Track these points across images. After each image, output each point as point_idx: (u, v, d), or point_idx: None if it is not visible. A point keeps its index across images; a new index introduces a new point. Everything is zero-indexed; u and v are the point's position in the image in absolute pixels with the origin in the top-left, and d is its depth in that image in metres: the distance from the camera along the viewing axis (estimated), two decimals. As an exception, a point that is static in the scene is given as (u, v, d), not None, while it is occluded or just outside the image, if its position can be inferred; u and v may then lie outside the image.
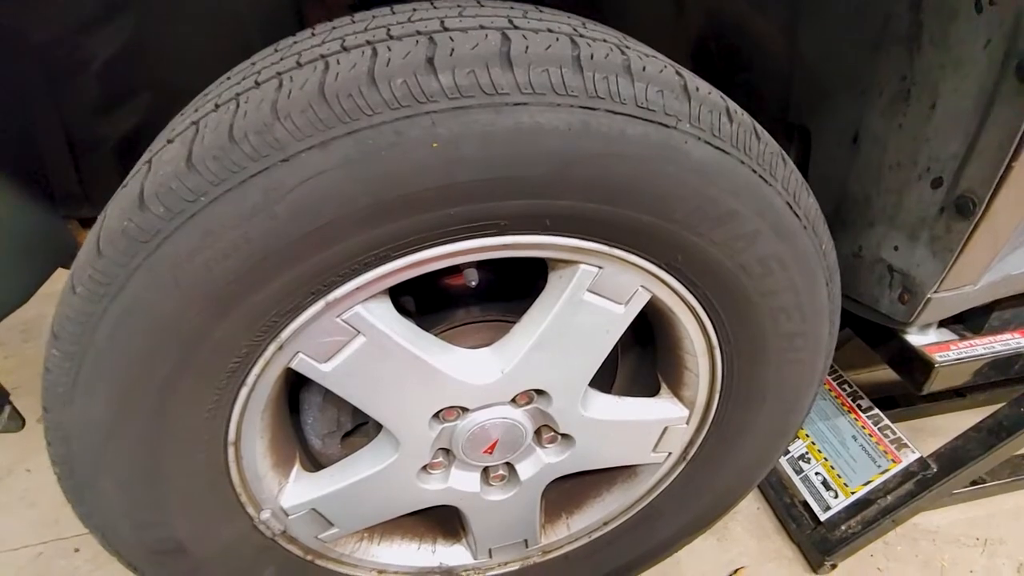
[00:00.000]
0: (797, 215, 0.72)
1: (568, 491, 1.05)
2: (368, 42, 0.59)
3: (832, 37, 0.94)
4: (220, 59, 0.85)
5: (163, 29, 0.97)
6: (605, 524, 1.05)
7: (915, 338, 1.15)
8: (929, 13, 0.78)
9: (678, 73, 0.64)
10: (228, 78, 0.66)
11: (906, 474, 1.29)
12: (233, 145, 0.54)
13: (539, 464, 0.92)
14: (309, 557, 0.91)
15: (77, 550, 1.34)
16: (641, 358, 1.03)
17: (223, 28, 0.99)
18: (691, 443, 0.97)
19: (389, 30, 0.60)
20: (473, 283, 0.78)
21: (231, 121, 0.55)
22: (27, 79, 0.97)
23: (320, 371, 0.70)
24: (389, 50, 0.57)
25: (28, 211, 0.99)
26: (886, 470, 1.30)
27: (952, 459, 1.29)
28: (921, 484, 1.27)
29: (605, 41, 0.63)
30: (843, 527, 1.28)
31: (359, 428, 0.94)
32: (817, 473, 1.37)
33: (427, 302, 0.86)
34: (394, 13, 0.66)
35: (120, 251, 0.56)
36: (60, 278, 1.09)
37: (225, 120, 0.55)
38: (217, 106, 0.58)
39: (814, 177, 1.07)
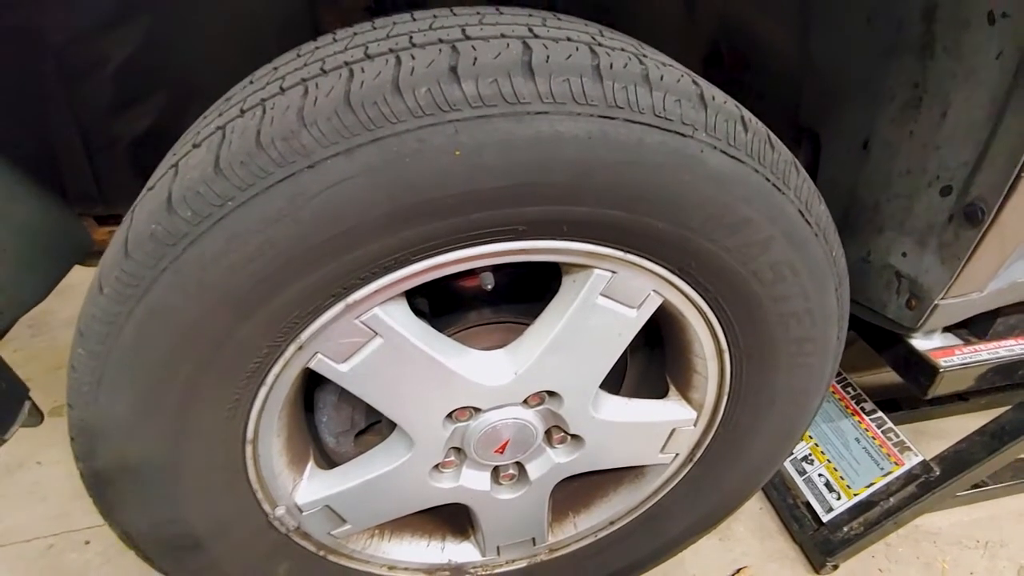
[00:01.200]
0: (809, 223, 0.73)
1: (576, 491, 1.06)
2: (391, 50, 0.60)
3: (844, 43, 0.94)
4: (235, 60, 0.86)
5: (178, 30, 0.98)
6: (611, 524, 1.07)
7: (920, 342, 1.16)
8: (942, 22, 0.78)
9: (695, 82, 0.65)
10: (251, 82, 0.67)
11: (909, 477, 1.30)
12: (260, 151, 0.55)
13: (549, 464, 0.93)
14: (322, 553, 0.92)
15: (88, 543, 1.35)
16: (650, 359, 1.04)
17: (238, 29, 0.99)
18: (698, 445, 0.98)
19: (411, 38, 0.61)
20: (489, 287, 0.79)
21: (258, 127, 0.56)
22: (43, 79, 0.98)
23: (338, 371, 0.72)
24: (412, 58, 0.58)
25: (44, 209, 1.00)
26: (889, 472, 1.31)
27: (955, 462, 1.30)
28: (924, 487, 1.28)
29: (623, 50, 0.64)
30: (845, 528, 1.29)
31: (372, 427, 0.95)
32: (820, 475, 1.39)
33: (441, 304, 0.88)
34: (415, 20, 0.67)
35: (147, 253, 0.57)
36: (74, 272, 1.10)
37: (252, 126, 0.56)
38: (243, 111, 0.59)
39: (823, 181, 1.08)
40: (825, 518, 1.32)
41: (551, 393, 0.84)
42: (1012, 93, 0.73)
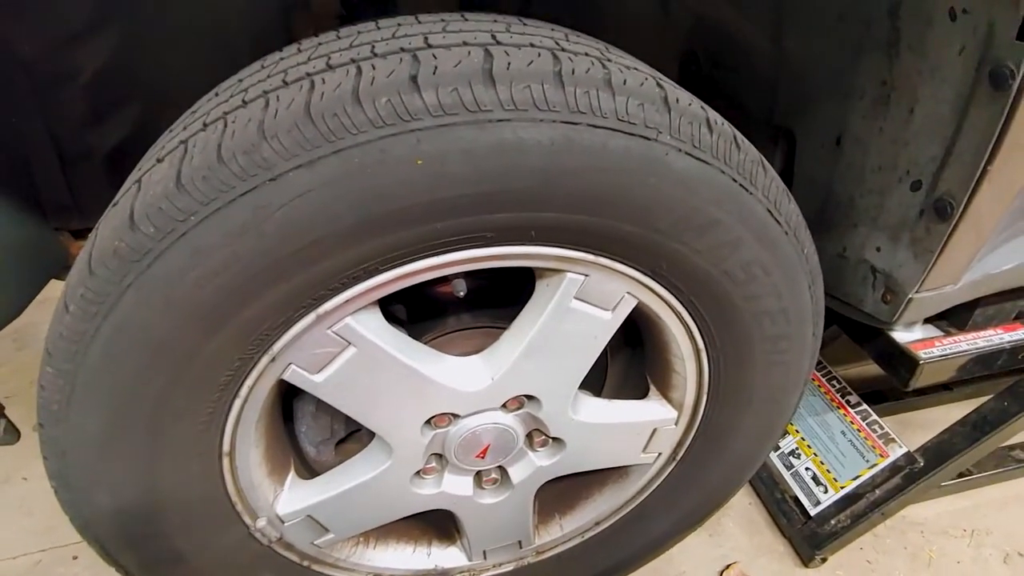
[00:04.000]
0: (779, 221, 0.74)
1: (561, 492, 1.07)
2: (353, 60, 0.60)
3: (815, 42, 0.95)
4: (208, 70, 0.86)
5: (151, 41, 0.97)
6: (597, 524, 1.07)
7: (900, 335, 1.16)
8: (906, 20, 0.79)
9: (659, 85, 0.66)
10: (216, 95, 0.67)
11: (894, 468, 1.31)
12: (221, 165, 0.55)
13: (531, 467, 0.93)
14: (305, 563, 0.92)
15: (75, 557, 1.35)
16: (630, 360, 1.04)
17: (211, 39, 0.99)
18: (680, 444, 0.98)
19: (374, 47, 0.61)
20: (461, 294, 0.79)
21: (219, 141, 0.56)
22: (16, 91, 0.98)
23: (312, 382, 0.72)
24: (373, 68, 0.58)
25: (19, 224, 1.00)
26: (874, 465, 1.32)
27: (939, 453, 1.31)
28: (909, 478, 1.29)
29: (587, 55, 0.64)
30: (833, 521, 1.30)
31: (353, 435, 0.95)
32: (807, 468, 1.39)
33: (417, 310, 0.88)
34: (379, 28, 0.67)
35: (111, 270, 0.57)
36: (53, 286, 1.09)
37: (213, 140, 0.56)
38: (205, 125, 0.59)
39: (800, 179, 1.08)
40: (813, 511, 1.32)
41: (530, 397, 0.84)
42: (975, 88, 0.73)
